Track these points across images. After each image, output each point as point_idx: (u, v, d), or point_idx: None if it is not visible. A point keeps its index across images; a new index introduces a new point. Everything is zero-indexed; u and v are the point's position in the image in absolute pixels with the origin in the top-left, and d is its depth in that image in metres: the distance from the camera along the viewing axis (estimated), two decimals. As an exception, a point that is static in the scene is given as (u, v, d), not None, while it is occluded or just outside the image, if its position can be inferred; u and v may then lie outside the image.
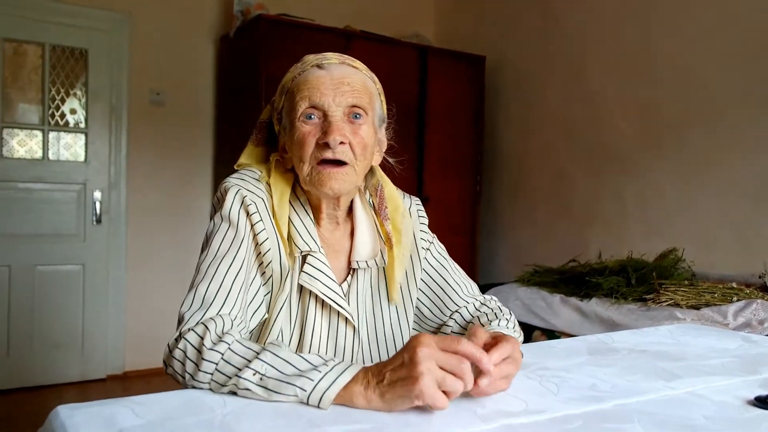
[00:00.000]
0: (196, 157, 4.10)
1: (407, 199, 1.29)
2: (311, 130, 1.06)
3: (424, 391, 0.76)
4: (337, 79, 1.07)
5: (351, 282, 1.16)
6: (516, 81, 4.32)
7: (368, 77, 1.15)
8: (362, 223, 1.18)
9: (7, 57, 3.63)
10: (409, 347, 0.80)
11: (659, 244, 3.10)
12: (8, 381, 3.59)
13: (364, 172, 1.12)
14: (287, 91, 1.12)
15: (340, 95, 1.06)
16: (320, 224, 1.15)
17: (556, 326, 2.73)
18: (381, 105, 1.18)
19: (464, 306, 1.25)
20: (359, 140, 1.07)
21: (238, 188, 1.07)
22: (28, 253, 3.67)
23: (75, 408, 0.77)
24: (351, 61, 1.13)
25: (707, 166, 3.11)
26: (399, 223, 1.21)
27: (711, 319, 2.25)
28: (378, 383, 0.80)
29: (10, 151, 3.65)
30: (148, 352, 3.91)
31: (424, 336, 0.81)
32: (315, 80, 1.07)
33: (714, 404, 0.88)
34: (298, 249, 1.09)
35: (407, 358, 0.79)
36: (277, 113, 1.16)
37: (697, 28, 3.14)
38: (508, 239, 4.35)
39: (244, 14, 3.74)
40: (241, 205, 1.06)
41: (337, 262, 1.16)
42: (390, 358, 0.83)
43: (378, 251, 1.17)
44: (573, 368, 1.05)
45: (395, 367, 0.80)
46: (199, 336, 0.91)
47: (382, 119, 1.19)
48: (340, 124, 1.05)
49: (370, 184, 1.22)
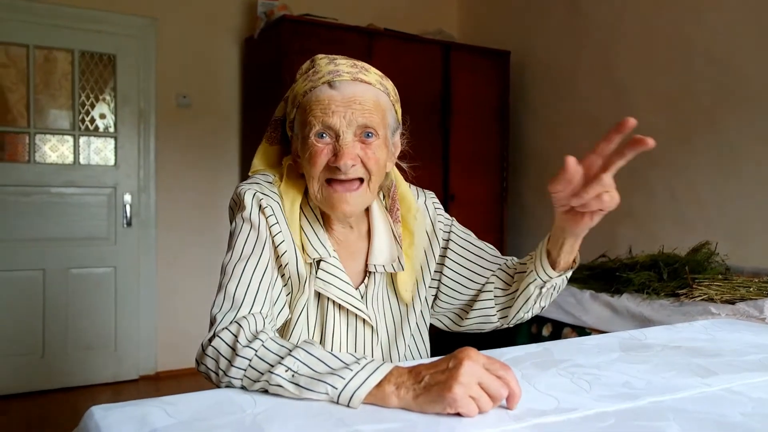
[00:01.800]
0: (222, 158, 4.14)
1: (421, 195, 1.30)
2: (323, 149, 1.06)
3: (458, 400, 0.75)
4: (348, 98, 1.07)
5: (368, 283, 1.17)
6: (542, 76, 4.27)
7: (381, 91, 1.13)
8: (379, 227, 1.19)
9: (38, 64, 3.71)
10: (456, 357, 0.80)
11: (691, 238, 3.04)
12: (44, 382, 3.66)
13: (377, 187, 1.13)
14: (298, 105, 1.11)
15: (350, 114, 1.06)
16: (333, 228, 1.16)
17: (586, 323, 2.69)
18: (395, 115, 1.17)
19: (503, 262, 1.28)
20: (371, 157, 1.08)
21: (254, 192, 1.09)
22: (62, 257, 3.74)
23: (108, 408, 0.78)
24: (364, 75, 1.10)
25: (740, 157, 3.04)
26: (411, 225, 1.22)
27: (747, 313, 2.20)
28: (414, 384, 0.79)
29: (43, 157, 3.72)
30: (179, 353, 3.97)
31: (474, 351, 0.81)
32: (326, 100, 1.07)
33: (752, 401, 0.86)
34: (309, 256, 1.11)
35: (452, 365, 0.79)
36: (290, 121, 1.16)
37: (730, 16, 3.07)
38: (536, 236, 4.30)
39: (268, 15, 3.76)
40: (259, 209, 1.08)
41: (354, 264, 1.17)
42: (432, 362, 0.82)
43: (396, 256, 1.18)
44: (605, 365, 1.03)
45: (436, 371, 0.79)
46: (233, 334, 0.92)
47: (394, 129, 1.18)
48: (350, 148, 1.05)
49: (384, 186, 1.23)
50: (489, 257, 1.28)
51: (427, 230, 1.26)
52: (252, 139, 4.01)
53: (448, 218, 1.31)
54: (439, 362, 0.82)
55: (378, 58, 3.73)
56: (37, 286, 3.68)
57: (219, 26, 4.10)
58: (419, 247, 1.23)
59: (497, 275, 1.26)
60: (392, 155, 1.19)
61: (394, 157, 1.20)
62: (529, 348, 1.13)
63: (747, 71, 3.00)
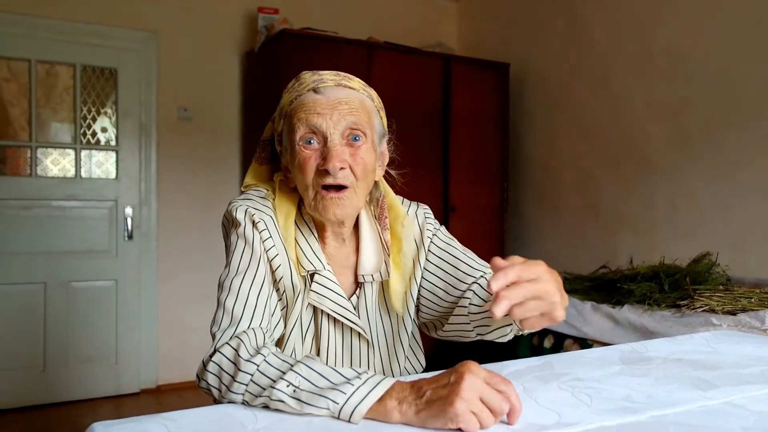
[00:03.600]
0: (223, 170, 4.15)
1: (413, 206, 1.30)
2: (311, 155, 1.07)
3: (459, 416, 0.75)
4: (334, 101, 1.08)
5: (359, 295, 1.18)
6: (541, 87, 4.29)
7: (366, 95, 1.14)
8: (367, 236, 1.19)
9: (39, 78, 3.73)
10: (457, 371, 0.80)
11: (692, 248, 3.03)
12: (44, 396, 3.65)
13: (366, 193, 1.13)
14: (285, 115, 1.13)
15: (337, 114, 1.07)
16: (325, 242, 1.16)
17: (587, 334, 2.69)
18: (381, 121, 1.18)
19: (481, 276, 1.20)
20: (359, 162, 1.08)
21: (246, 207, 1.09)
22: (63, 270, 3.74)
23: (110, 425, 0.78)
24: (347, 81, 1.12)
25: (740, 167, 3.04)
26: (399, 232, 1.22)
27: (748, 324, 2.20)
28: (416, 399, 0.79)
29: (44, 170, 3.73)
30: (180, 366, 3.96)
31: (475, 365, 0.80)
32: (312, 103, 1.08)
33: (753, 414, 0.85)
34: (304, 269, 1.11)
35: (453, 379, 0.79)
36: (278, 135, 1.17)
37: (728, 27, 3.09)
38: (536, 246, 4.31)
39: (269, 29, 3.78)
40: (252, 225, 1.08)
41: (345, 277, 1.18)
42: (433, 376, 0.82)
43: (382, 263, 1.18)
44: (606, 378, 1.03)
45: (438, 386, 0.79)
46: (233, 349, 0.93)
47: (381, 135, 1.19)
48: (338, 150, 1.06)
49: (373, 197, 1.23)
50: (466, 268, 1.22)
51: (415, 238, 1.25)
52: (252, 151, 3.99)
53: (435, 226, 1.29)
54: (440, 377, 0.81)
55: (378, 70, 3.75)
56: (38, 299, 3.67)
57: (220, 40, 4.12)
58: (407, 254, 1.22)
59: (473, 290, 1.18)
60: (381, 164, 1.19)
61: (383, 165, 1.20)
62: (530, 361, 1.13)
63: (746, 82, 3.01)
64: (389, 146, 1.23)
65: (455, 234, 1.36)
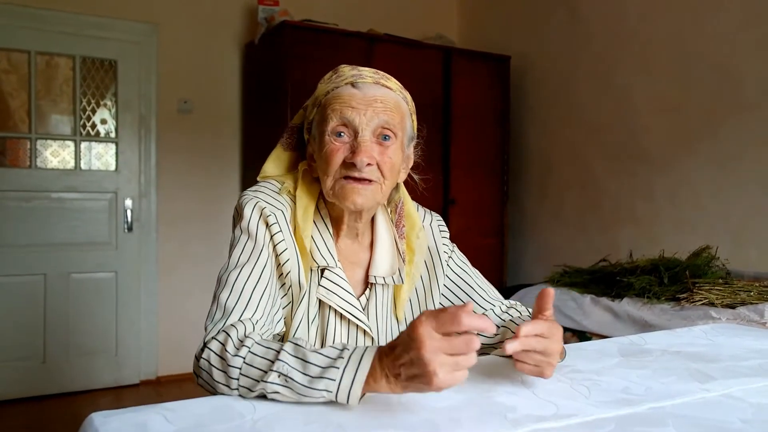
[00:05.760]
0: (223, 163, 4.14)
1: (428, 215, 1.30)
2: (340, 147, 1.06)
3: (442, 386, 0.77)
4: (370, 98, 1.07)
5: (369, 296, 1.17)
6: (542, 80, 4.28)
7: (401, 97, 1.14)
8: (383, 238, 1.19)
9: (39, 70, 3.72)
10: (411, 342, 0.78)
11: (692, 241, 3.04)
12: (45, 387, 3.66)
13: (388, 191, 1.12)
14: (320, 104, 1.12)
15: (372, 111, 1.06)
16: (339, 236, 1.16)
17: (587, 327, 2.69)
18: (412, 125, 1.18)
19: (491, 309, 1.26)
20: (386, 161, 1.08)
21: (257, 201, 1.09)
22: (63, 262, 3.74)
23: (108, 415, 0.78)
24: (385, 81, 1.12)
25: (740, 161, 3.04)
26: (413, 243, 1.21)
27: (747, 318, 2.20)
28: (396, 378, 0.81)
29: (44, 162, 3.73)
30: (180, 357, 3.97)
31: (423, 325, 0.78)
32: (348, 96, 1.07)
33: (751, 407, 0.86)
34: (316, 263, 1.10)
35: (414, 356, 0.78)
36: (308, 123, 1.16)
37: (730, 22, 3.08)
38: (537, 240, 4.31)
39: (269, 21, 3.77)
40: (260, 217, 1.07)
41: (353, 274, 1.17)
42: (397, 351, 0.81)
43: (396, 269, 1.17)
44: (605, 371, 1.03)
45: (405, 363, 0.79)
46: (220, 343, 0.93)
47: (411, 138, 1.18)
48: (368, 145, 1.05)
49: (392, 199, 1.23)
50: (479, 299, 1.26)
51: (430, 251, 1.26)
52: (252, 143, 4.02)
53: (449, 246, 1.30)
54: (402, 353, 0.80)
55: (378, 63, 3.73)
56: (38, 291, 3.68)
57: (220, 32, 4.11)
58: (418, 266, 1.22)
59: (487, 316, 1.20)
60: (405, 167, 1.19)
61: (407, 168, 1.20)
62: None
63: (747, 76, 3.00)
64: (416, 151, 1.23)
65: (454, 227, 1.36)
